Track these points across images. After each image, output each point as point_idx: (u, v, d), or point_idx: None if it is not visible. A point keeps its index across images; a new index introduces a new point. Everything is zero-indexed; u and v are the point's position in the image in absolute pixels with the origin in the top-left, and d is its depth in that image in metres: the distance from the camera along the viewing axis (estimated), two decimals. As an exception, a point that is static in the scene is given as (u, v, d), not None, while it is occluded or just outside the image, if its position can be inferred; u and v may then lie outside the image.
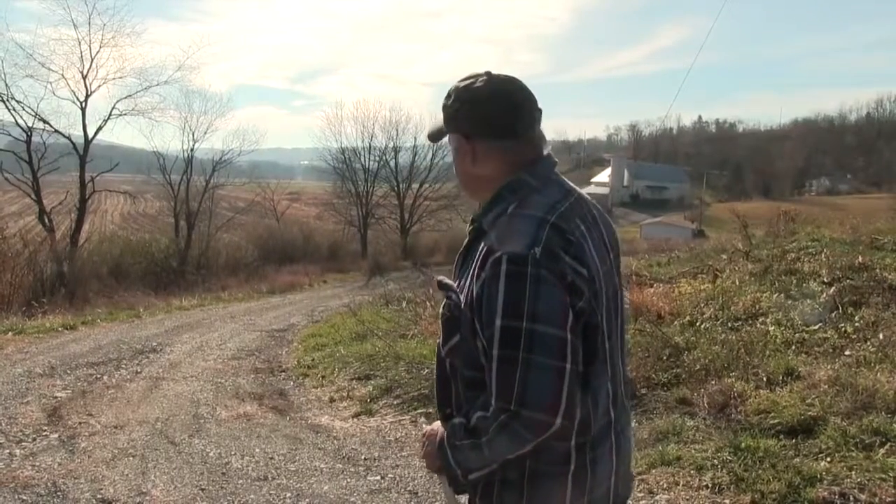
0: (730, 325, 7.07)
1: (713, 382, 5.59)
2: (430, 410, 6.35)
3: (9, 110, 29.21)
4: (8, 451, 5.74)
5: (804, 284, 7.71)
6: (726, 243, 12.23)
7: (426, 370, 7.23)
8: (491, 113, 1.73)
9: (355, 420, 6.60)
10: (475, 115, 1.74)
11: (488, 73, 1.78)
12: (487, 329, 1.58)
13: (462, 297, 1.69)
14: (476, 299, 1.61)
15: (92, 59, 31.06)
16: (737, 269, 9.18)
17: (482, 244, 1.66)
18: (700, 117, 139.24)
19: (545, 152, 1.80)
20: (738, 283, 8.36)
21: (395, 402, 6.84)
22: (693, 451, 4.60)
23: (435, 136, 1.88)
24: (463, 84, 1.78)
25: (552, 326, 1.54)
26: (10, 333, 11.50)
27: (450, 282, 1.78)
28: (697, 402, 5.39)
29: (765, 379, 5.51)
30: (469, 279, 1.67)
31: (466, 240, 1.78)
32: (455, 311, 1.70)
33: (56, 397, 7.43)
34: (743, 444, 4.47)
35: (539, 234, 1.59)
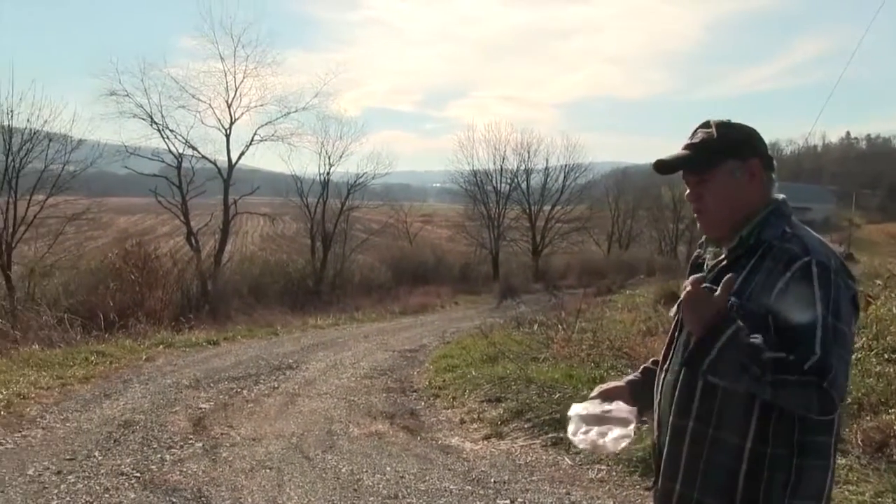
0: (886, 356, 6.64)
1: (868, 418, 5.24)
2: (562, 435, 6.23)
3: (164, 139, 31.14)
4: (160, 455, 6.04)
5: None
6: (880, 267, 11.54)
7: (558, 394, 7.12)
8: (766, 148, 2.06)
9: (485, 442, 6.55)
10: (760, 147, 2.05)
11: (729, 120, 2.08)
12: (799, 316, 1.79)
13: (746, 298, 1.88)
14: (777, 296, 1.83)
15: (236, 89, 32.53)
16: (893, 295, 8.62)
17: (757, 257, 1.92)
18: (848, 133, 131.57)
19: None
20: (894, 311, 7.84)
21: (525, 426, 6.75)
22: (847, 492, 4.31)
23: (696, 163, 2.05)
24: (726, 121, 2.06)
25: (847, 325, 1.82)
26: (160, 346, 12.08)
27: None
28: (850, 440, 5.05)
29: (932, 418, 5.11)
30: (751, 282, 1.89)
31: (726, 257, 2.02)
32: (739, 312, 1.85)
33: (200, 408, 7.75)
34: (911, 490, 4.14)
35: (827, 251, 1.91)
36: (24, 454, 5.96)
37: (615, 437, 2.03)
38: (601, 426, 2.02)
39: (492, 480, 5.50)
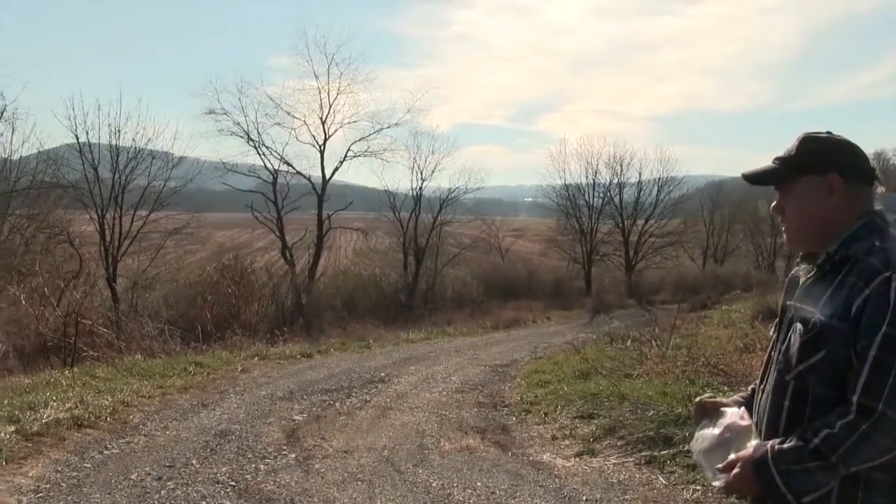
0: None
1: None
2: (656, 453, 6.09)
3: (260, 155, 32.24)
4: (254, 465, 6.15)
5: None
6: None
7: (651, 411, 6.96)
8: (858, 160, 1.98)
9: (577, 459, 6.44)
10: (843, 161, 1.97)
11: (829, 132, 2.02)
12: (867, 337, 1.76)
13: (829, 315, 1.84)
14: (857, 311, 1.79)
15: (330, 106, 33.35)
16: None
17: (844, 273, 1.87)
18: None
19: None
20: None
21: (618, 444, 6.61)
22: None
23: (776, 177, 2.06)
24: (816, 134, 2.01)
25: None
26: (255, 358, 12.33)
27: (804, 305, 1.94)
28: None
29: None
30: (835, 298, 1.85)
31: (814, 273, 1.98)
32: (823, 329, 1.84)
33: (294, 420, 7.87)
34: None
35: None
36: (127, 459, 6.17)
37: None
38: (726, 451, 1.99)
39: (583, 498, 5.40)
